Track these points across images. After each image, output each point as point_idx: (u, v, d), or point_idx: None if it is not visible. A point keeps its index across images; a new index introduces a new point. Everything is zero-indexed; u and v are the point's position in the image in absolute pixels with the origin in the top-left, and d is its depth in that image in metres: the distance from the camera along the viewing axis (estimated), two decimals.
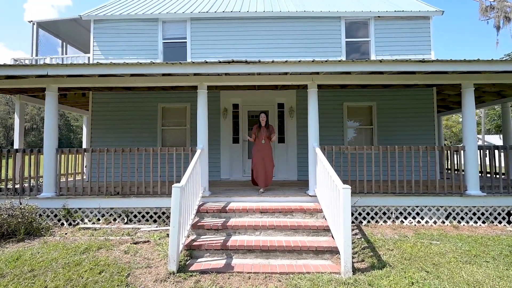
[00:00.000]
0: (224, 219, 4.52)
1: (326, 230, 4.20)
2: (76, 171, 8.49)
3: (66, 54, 10.44)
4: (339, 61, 4.82)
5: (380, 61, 4.78)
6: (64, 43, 10.50)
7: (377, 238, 4.50)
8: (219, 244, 3.86)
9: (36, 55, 9.02)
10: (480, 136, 29.60)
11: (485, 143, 27.27)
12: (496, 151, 5.65)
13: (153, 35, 8.21)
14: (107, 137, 7.98)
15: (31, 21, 8.99)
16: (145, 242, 4.29)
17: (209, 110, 7.96)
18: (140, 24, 8.22)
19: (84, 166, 8.26)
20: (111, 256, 3.73)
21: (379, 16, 8.04)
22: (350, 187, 3.34)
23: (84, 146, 10.53)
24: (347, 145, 7.56)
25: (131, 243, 4.19)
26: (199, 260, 3.74)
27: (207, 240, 4.00)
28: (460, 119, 44.00)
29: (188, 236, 4.22)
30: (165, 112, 8.17)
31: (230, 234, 4.22)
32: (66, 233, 4.79)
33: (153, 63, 4.83)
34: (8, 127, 47.43)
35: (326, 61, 4.78)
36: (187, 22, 8.20)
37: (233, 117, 8.08)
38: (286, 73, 5.26)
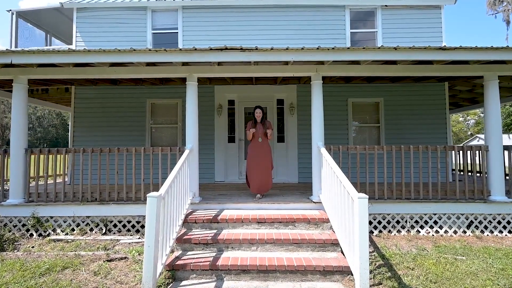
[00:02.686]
0: (215, 231, 3.89)
1: (334, 244, 3.58)
2: (57, 174, 7.80)
3: (50, 46, 9.74)
4: (348, 48, 4.20)
5: (395, 48, 4.16)
6: (48, 35, 9.80)
7: (393, 252, 3.89)
8: (208, 262, 3.23)
9: (16, 47, 8.32)
10: (482, 136, 29.16)
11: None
12: None
13: (141, 24, 7.55)
14: (91, 136, 7.33)
15: (10, 10, 8.29)
16: (121, 258, 3.64)
17: (203, 107, 7.41)
18: (127, 12, 7.55)
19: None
20: (76, 279, 3.08)
21: (386, 5, 7.43)
22: (367, 196, 2.72)
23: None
24: (352, 145, 6.98)
25: (104, 261, 3.55)
26: (183, 283, 3.10)
27: (194, 258, 3.37)
28: (460, 118, 43.70)
29: (172, 252, 3.59)
30: (154, 109, 7.52)
31: (222, 250, 3.59)
32: (33, 247, 4.14)
33: (134, 50, 4.19)
34: (4, 126, 46.40)
35: (333, 48, 4.16)
36: (178, 11, 7.54)
37: (229, 114, 7.44)
38: (286, 63, 4.64)
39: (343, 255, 3.44)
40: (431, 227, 4.63)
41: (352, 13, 7.49)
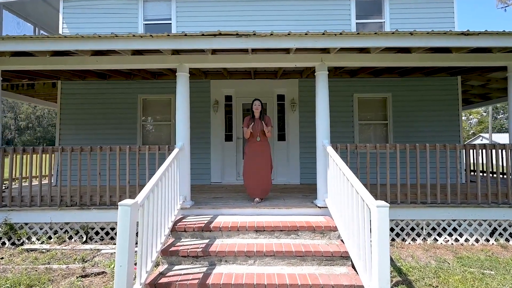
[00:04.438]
0: (207, 241, 3.41)
1: (343, 257, 3.09)
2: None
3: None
4: (358, 33, 3.70)
5: (411, 33, 3.67)
6: (36, 28, 9.31)
7: (410, 265, 3.40)
8: (197, 281, 2.75)
9: None
10: (486, 135, 28.65)
11: (493, 143, 26.31)
12: None
13: (132, 15, 7.05)
14: (79, 134, 6.84)
15: None
16: (98, 274, 3.16)
17: (198, 103, 6.93)
18: (116, 2, 7.05)
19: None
20: None
21: None
22: (388, 204, 2.23)
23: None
24: (357, 143, 6.49)
25: (78, 276, 3.07)
26: None
27: (181, 274, 2.89)
28: (463, 117, 43.19)
29: (157, 265, 3.12)
30: (146, 105, 7.03)
31: (214, 264, 3.11)
32: (1, 258, 3.66)
33: (116, 35, 3.70)
34: (3, 126, 45.78)
35: (340, 33, 3.67)
36: (172, 0, 7.05)
37: (226, 111, 6.95)
38: (288, 51, 4.16)
39: (354, 270, 2.96)
40: (450, 234, 4.15)
41: (358, 2, 6.99)
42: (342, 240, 3.41)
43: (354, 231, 2.80)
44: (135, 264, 2.44)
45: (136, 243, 2.46)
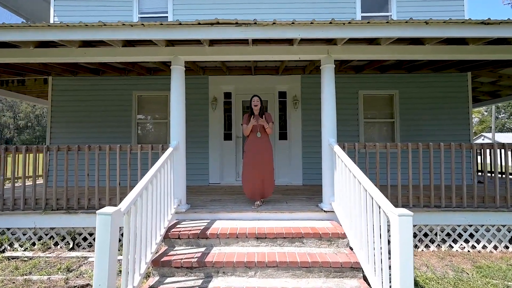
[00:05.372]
0: (203, 249, 3.11)
1: (354, 268, 2.79)
2: (37, 174, 7.04)
3: None
4: (368, 22, 3.39)
5: (426, 22, 3.36)
6: (29, 23, 8.98)
7: (426, 276, 3.10)
8: None
9: None
10: (488, 135, 28.36)
11: (495, 143, 25.95)
12: None
13: (127, 7, 6.73)
14: (71, 133, 6.52)
15: None
16: (83, 287, 2.85)
17: (195, 100, 6.61)
18: None
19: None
20: None
21: None
22: (412, 213, 1.92)
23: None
24: (363, 142, 6.19)
25: None
26: None
27: None
28: None
29: (147, 277, 2.81)
30: (141, 102, 6.71)
31: (211, 275, 2.80)
32: None
33: (105, 24, 3.38)
34: (2, 125, 45.49)
35: (349, 22, 3.35)
36: None
37: (225, 109, 6.64)
38: (291, 42, 3.85)
39: (366, 282, 2.65)
40: (466, 241, 3.85)
41: None
42: (351, 248, 3.12)
43: (367, 242, 2.49)
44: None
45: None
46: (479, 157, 7.24)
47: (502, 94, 7.86)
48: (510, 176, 3.89)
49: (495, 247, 3.81)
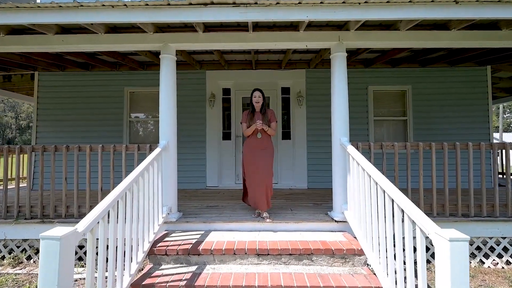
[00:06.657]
0: (194, 268, 2.62)
1: None
2: (22, 176, 6.61)
3: None
4: (388, 1, 2.89)
5: (456, 1, 2.86)
6: None
7: None
8: None
9: None
10: (496, 135, 27.68)
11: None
12: None
13: None
14: (58, 132, 6.06)
15: None
16: None
17: (192, 96, 6.13)
18: None
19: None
20: None
21: None
22: (468, 237, 1.43)
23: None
24: (373, 141, 5.69)
25: None
26: None
27: None
28: None
29: None
30: (134, 99, 6.24)
31: None
32: None
33: (81, 4, 2.90)
34: (4, 125, 45.21)
35: (365, 1, 2.86)
36: None
37: (224, 106, 6.16)
38: (297, 28, 3.37)
39: None
40: (500, 256, 3.34)
41: None
42: (369, 267, 2.63)
43: (393, 263, 2.00)
44: None
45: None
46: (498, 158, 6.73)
47: None
48: None
49: None
